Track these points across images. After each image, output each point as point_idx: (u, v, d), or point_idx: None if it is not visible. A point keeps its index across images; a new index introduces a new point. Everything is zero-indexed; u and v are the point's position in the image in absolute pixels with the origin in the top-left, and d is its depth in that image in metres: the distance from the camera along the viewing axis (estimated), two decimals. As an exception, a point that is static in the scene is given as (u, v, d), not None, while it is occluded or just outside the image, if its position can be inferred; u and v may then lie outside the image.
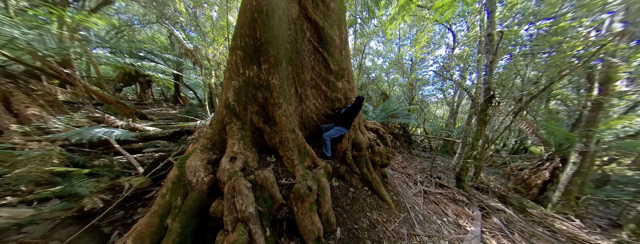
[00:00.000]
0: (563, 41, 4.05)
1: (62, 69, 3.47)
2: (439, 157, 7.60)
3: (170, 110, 7.69)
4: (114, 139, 2.68)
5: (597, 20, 3.91)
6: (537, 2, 4.78)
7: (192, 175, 1.59)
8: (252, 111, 1.84)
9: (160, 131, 3.66)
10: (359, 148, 2.61)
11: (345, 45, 2.59)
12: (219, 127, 1.85)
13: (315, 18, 2.21)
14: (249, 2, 1.77)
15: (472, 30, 7.14)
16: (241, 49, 1.79)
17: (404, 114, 6.62)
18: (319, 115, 2.54)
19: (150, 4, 5.76)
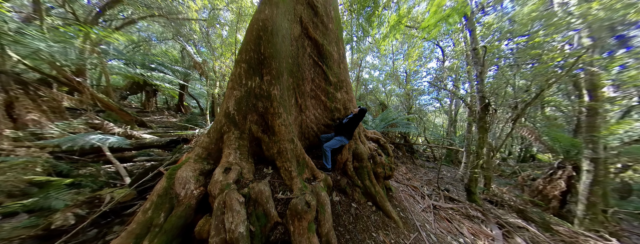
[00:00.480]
0: (542, 53, 4.46)
1: (74, 77, 3.63)
2: (444, 167, 7.30)
3: (170, 118, 7.72)
4: (108, 146, 2.60)
5: (567, 36, 4.39)
6: (511, 23, 5.37)
7: (181, 187, 1.47)
8: (251, 120, 1.84)
9: (156, 139, 3.59)
10: (360, 159, 2.51)
11: (343, 59, 2.78)
12: (216, 136, 1.82)
13: (315, 36, 2.44)
14: (256, 22, 1.96)
15: (458, 46, 7.79)
16: (245, 62, 1.90)
17: (404, 123, 6.64)
18: (319, 124, 2.54)
19: (169, 24, 6.56)
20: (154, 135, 4.36)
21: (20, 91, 2.95)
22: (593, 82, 3.79)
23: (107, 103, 4.36)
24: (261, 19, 1.95)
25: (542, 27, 4.63)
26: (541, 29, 4.65)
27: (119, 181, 2.34)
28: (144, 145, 3.31)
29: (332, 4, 2.73)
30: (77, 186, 2.00)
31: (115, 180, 2.38)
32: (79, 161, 2.63)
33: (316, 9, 2.47)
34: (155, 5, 5.89)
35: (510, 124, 4.78)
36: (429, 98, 11.38)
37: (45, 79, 3.60)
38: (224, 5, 6.33)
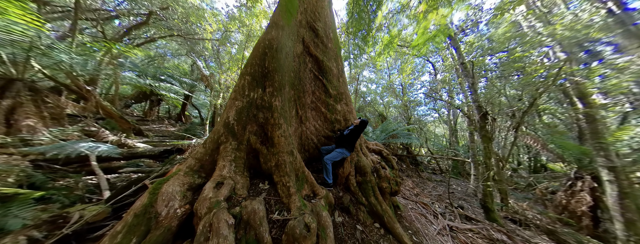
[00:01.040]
0: (525, 66, 4.90)
1: (85, 86, 3.73)
2: (452, 180, 6.82)
3: (169, 127, 7.64)
4: (96, 155, 2.44)
5: (542, 51, 4.89)
6: (489, 42, 6.05)
7: (164, 205, 1.30)
8: (250, 131, 1.80)
9: (150, 148, 3.43)
10: (363, 173, 2.35)
11: (342, 74, 2.95)
12: (212, 147, 1.74)
13: (315, 53, 2.65)
14: (263, 41, 2.15)
15: (446, 61, 8.41)
16: (250, 75, 1.99)
17: (404, 134, 6.54)
18: (319, 136, 2.49)
19: (185, 43, 7.33)
20: (148, 144, 4.21)
21: (29, 97, 2.97)
22: (580, 90, 4.00)
23: (109, 110, 4.37)
24: (268, 38, 2.14)
25: (518, 45, 5.31)
26: (517, 46, 5.31)
27: (97, 195, 2.10)
28: (134, 155, 3.14)
29: (331, 27, 3.07)
30: (47, 201, 1.77)
31: (93, 194, 2.14)
32: (59, 171, 2.44)
33: (317, 31, 2.77)
34: (176, 27, 6.67)
35: (513, 132, 4.70)
36: (426, 109, 11.60)
37: (57, 87, 3.70)
38: (235, 28, 7.22)
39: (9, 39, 2.27)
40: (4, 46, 2.37)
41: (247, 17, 6.64)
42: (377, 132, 6.46)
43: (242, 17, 6.70)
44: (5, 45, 2.35)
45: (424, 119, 11.93)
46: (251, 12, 6.45)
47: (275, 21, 2.28)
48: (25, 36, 2.36)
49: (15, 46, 2.44)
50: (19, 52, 2.57)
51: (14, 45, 2.42)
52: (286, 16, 2.09)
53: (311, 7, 2.84)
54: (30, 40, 2.47)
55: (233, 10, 6.88)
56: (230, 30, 7.25)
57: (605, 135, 3.60)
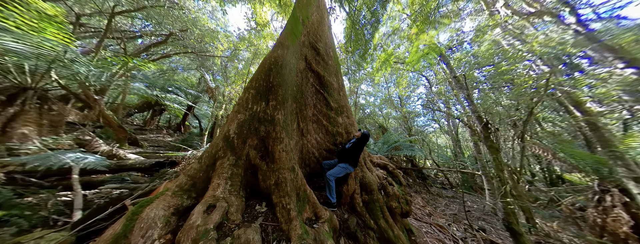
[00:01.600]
0: (513, 78, 5.25)
1: (93, 95, 3.79)
2: (466, 196, 6.17)
3: (167, 138, 7.48)
4: (81, 167, 2.25)
5: (526, 65, 5.32)
6: (475, 57, 6.65)
7: (141, 235, 1.09)
8: (250, 145, 1.71)
9: (140, 160, 3.23)
10: (370, 190, 2.15)
11: (342, 88, 3.08)
12: (208, 162, 1.62)
13: (317, 69, 2.82)
14: (269, 58, 2.29)
15: (438, 75, 8.89)
16: (254, 89, 2.03)
17: (407, 145, 6.35)
18: (320, 149, 2.40)
19: (196, 59, 7.94)
20: (141, 154, 4.01)
21: (34, 105, 2.96)
22: (573, 99, 4.14)
23: (109, 119, 4.33)
24: (274, 56, 2.29)
25: (501, 60, 5.86)
26: (501, 60, 5.84)
27: (66, 216, 1.78)
28: (122, 167, 2.92)
29: (331, 46, 3.37)
30: (2, 224, 1.51)
31: (62, 214, 1.82)
32: (33, 185, 2.20)
33: (318, 50, 3.03)
34: (191, 46, 7.36)
35: (519, 142, 4.56)
36: (425, 119, 11.67)
37: (67, 95, 3.75)
38: (244, 47, 8.00)
39: (37, 52, 2.45)
40: (30, 58, 2.52)
41: (255, 38, 7.45)
42: (379, 144, 6.27)
43: (251, 38, 7.53)
44: (32, 58, 2.50)
45: (424, 130, 11.88)
46: (259, 35, 7.25)
47: (281, 41, 2.48)
48: (52, 51, 2.54)
49: (40, 59, 2.59)
50: (42, 63, 2.71)
51: (40, 58, 2.57)
52: (291, 37, 2.28)
53: (313, 30, 3.18)
54: (55, 54, 2.62)
55: (244, 32, 7.75)
56: (239, 49, 8.04)
57: (614, 143, 3.51)
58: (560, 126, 7.20)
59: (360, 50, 4.32)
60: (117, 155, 3.38)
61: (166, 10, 6.29)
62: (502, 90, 5.95)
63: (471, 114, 4.67)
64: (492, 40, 6.42)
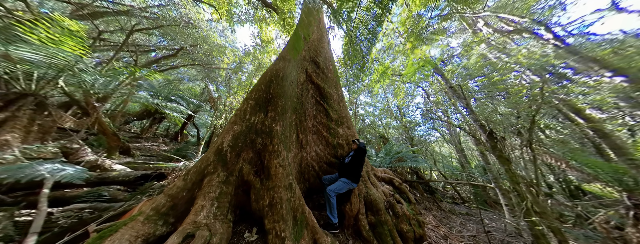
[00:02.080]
0: (507, 87, 5.44)
1: (94, 103, 3.78)
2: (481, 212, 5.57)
3: (161, 146, 7.23)
4: (55, 180, 2.01)
5: (517, 75, 5.59)
6: (466, 69, 7.05)
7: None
8: (245, 158, 1.56)
9: (125, 173, 2.97)
10: (376, 210, 1.91)
11: (342, 99, 3.12)
12: (195, 178, 1.44)
13: (317, 81, 2.89)
14: (270, 71, 2.35)
15: (433, 86, 9.20)
16: (254, 99, 1.99)
17: (410, 156, 6.07)
18: (320, 162, 2.25)
19: (203, 70, 8.42)
20: (130, 165, 3.76)
21: (29, 111, 2.88)
22: (572, 106, 4.18)
23: (105, 127, 4.22)
24: (275, 68, 2.34)
25: (490, 71, 6.26)
26: (491, 72, 6.23)
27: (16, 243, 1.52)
28: (103, 181, 2.65)
29: (330, 60, 3.55)
30: None
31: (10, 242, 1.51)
32: None
33: (318, 63, 3.17)
34: (199, 59, 7.88)
35: (528, 151, 4.34)
36: (426, 129, 11.58)
37: (69, 102, 3.74)
38: (248, 60, 8.65)
39: (50, 61, 2.55)
40: (42, 67, 2.62)
41: (260, 53, 8.08)
42: (381, 155, 6.03)
43: (256, 53, 8.16)
44: (43, 66, 2.60)
45: (426, 139, 11.68)
46: (264, 50, 7.95)
47: (283, 55, 2.59)
48: (64, 60, 2.65)
49: (51, 67, 2.69)
50: (51, 72, 2.80)
51: (51, 66, 2.67)
52: (293, 52, 2.37)
53: (313, 46, 3.39)
54: (66, 64, 2.72)
55: (249, 48, 8.45)
56: (244, 62, 8.74)
57: (629, 150, 3.34)
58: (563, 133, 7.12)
59: (358, 64, 4.54)
60: (101, 165, 3.14)
61: (181, 28, 6.87)
62: (498, 99, 6.12)
63: (473, 123, 4.64)
64: (480, 54, 7.05)
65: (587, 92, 4.76)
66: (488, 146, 3.98)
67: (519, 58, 5.48)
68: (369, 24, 3.70)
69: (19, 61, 2.46)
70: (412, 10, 2.39)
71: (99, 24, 6.56)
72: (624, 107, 4.71)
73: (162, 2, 6.77)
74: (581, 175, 4.85)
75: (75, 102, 3.64)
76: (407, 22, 3.92)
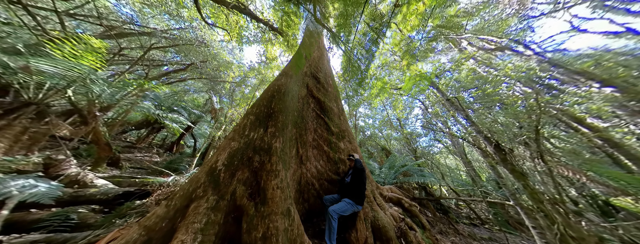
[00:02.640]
0: (502, 98, 5.68)
1: (95, 112, 3.77)
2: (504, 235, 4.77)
3: (154, 158, 6.92)
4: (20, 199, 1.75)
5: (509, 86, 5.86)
6: (458, 82, 7.44)
7: None
8: (240, 179, 1.41)
9: (106, 189, 2.69)
10: (386, 239, 1.66)
11: (342, 112, 3.17)
12: (180, 204, 1.24)
13: (317, 95, 2.98)
14: (273, 86, 2.42)
15: (430, 98, 9.48)
16: (254, 114, 1.97)
17: (416, 170, 5.71)
18: (321, 180, 2.08)
19: (208, 83, 8.93)
20: (114, 179, 3.46)
21: (27, 119, 2.82)
22: (572, 115, 4.18)
23: (99, 136, 4.10)
24: (278, 84, 2.42)
25: (481, 83, 6.60)
26: (481, 84, 6.57)
27: None
28: (77, 199, 2.34)
29: (330, 76, 3.79)
30: None
31: None
32: None
33: (318, 78, 3.33)
34: (206, 73, 8.45)
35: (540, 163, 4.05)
36: (428, 140, 11.37)
37: (71, 110, 3.75)
38: (253, 75, 9.18)
39: (64, 73, 2.69)
40: (54, 78, 2.74)
41: (263, 69, 8.77)
42: (384, 170, 5.66)
43: (260, 69, 8.84)
44: (57, 77, 2.73)
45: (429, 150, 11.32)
46: (268, 66, 8.64)
47: (285, 71, 2.72)
48: (79, 73, 2.81)
49: (65, 79, 2.83)
50: (63, 82, 2.90)
51: (65, 78, 2.81)
52: (295, 69, 2.50)
53: (314, 64, 3.63)
54: (78, 76, 2.86)
55: (254, 64, 9.22)
56: (248, 77, 9.25)
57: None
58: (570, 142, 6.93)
59: (357, 79, 4.79)
60: (81, 180, 2.87)
61: (195, 47, 7.65)
62: (494, 110, 6.32)
63: (476, 134, 4.57)
64: (469, 68, 7.63)
65: (581, 102, 4.89)
66: (497, 159, 3.78)
67: (507, 72, 5.88)
68: (365, 45, 4.00)
69: (36, 72, 2.59)
70: (404, 33, 2.63)
71: (122, 42, 7.18)
72: (622, 115, 4.73)
73: (182, 26, 7.59)
74: (606, 188, 4.37)
75: (78, 111, 3.63)
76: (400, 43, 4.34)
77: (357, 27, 3.02)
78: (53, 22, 5.52)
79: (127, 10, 7.61)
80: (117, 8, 7.57)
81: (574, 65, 5.56)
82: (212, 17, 5.67)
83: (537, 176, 4.63)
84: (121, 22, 7.11)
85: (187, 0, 5.71)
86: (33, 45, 3.12)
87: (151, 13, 7.40)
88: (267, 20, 5.74)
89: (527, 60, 6.20)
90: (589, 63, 5.56)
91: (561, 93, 5.40)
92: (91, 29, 7.27)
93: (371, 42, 3.63)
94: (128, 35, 7.10)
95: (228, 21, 5.71)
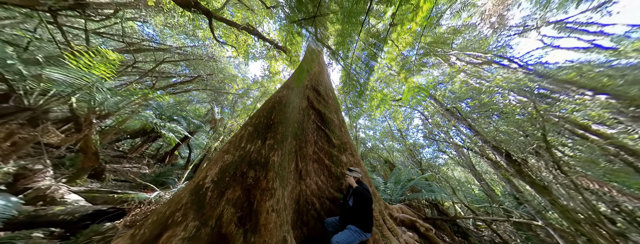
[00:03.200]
0: (500, 108, 5.78)
1: (92, 119, 3.70)
2: None
3: (142, 169, 6.50)
4: None
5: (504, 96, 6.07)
6: (453, 93, 7.64)
7: None
8: (229, 198, 1.18)
9: (73, 208, 2.30)
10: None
11: (343, 124, 3.13)
12: (149, 234, 0.97)
13: (318, 107, 3.00)
14: (274, 98, 2.43)
15: (428, 108, 9.59)
16: (253, 126, 1.87)
17: (424, 184, 5.22)
18: (322, 198, 1.83)
19: (212, 94, 9.29)
20: (89, 195, 3.08)
21: (17, 124, 2.69)
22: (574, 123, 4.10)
23: (89, 145, 3.90)
24: (279, 95, 2.45)
25: (475, 94, 6.86)
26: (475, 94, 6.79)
27: None
28: (35, 220, 1.92)
29: (330, 88, 3.91)
30: None
31: None
32: None
33: (319, 91, 3.44)
34: (211, 85, 8.90)
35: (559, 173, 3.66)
36: (431, 151, 10.97)
37: (67, 117, 3.71)
38: (256, 88, 9.62)
39: (71, 81, 2.79)
40: (62, 85, 2.83)
41: (266, 82, 9.28)
42: (390, 185, 5.16)
43: (263, 82, 9.37)
44: (63, 85, 2.81)
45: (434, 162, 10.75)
46: (270, 79, 9.14)
47: (287, 84, 2.81)
48: (86, 81, 2.92)
49: (72, 86, 2.92)
50: (68, 89, 2.98)
51: (72, 86, 2.90)
52: (297, 81, 2.56)
53: (315, 77, 3.81)
54: (85, 84, 2.96)
55: (258, 77, 9.83)
56: (251, 89, 9.67)
57: None
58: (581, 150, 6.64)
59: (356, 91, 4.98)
60: (49, 196, 2.52)
61: (204, 61, 8.30)
62: (493, 119, 6.49)
63: (482, 144, 4.40)
64: (462, 81, 8.05)
65: (579, 109, 4.89)
66: (512, 171, 3.48)
67: (498, 83, 6.14)
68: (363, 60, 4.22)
69: (46, 80, 2.69)
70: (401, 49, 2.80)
71: (138, 56, 7.94)
72: (624, 121, 4.64)
73: (196, 44, 8.51)
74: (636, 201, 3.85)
75: (75, 117, 3.55)
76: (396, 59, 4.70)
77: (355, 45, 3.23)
78: (81, 38, 6.15)
79: (149, 30, 8.63)
80: (141, 28, 8.56)
81: (558, 76, 5.89)
82: (223, 37, 6.33)
83: (561, 190, 4.11)
84: (142, 40, 7.95)
85: (203, 23, 6.41)
86: (54, 57, 3.33)
87: (170, 33, 8.37)
88: (273, 39, 6.31)
89: (514, 72, 6.63)
90: (574, 74, 5.83)
91: (555, 101, 5.51)
92: (114, 44, 8.00)
93: (370, 57, 3.83)
94: (145, 51, 7.81)
95: (237, 40, 6.35)
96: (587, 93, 4.83)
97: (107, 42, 8.01)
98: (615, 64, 5.51)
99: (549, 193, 2.92)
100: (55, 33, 4.06)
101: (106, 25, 6.72)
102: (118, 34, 7.19)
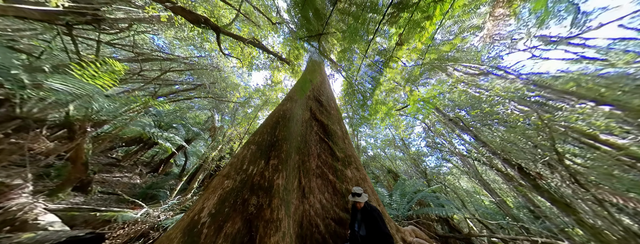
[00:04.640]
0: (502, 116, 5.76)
1: (87, 127, 3.56)
2: None
3: (133, 179, 6.13)
4: None
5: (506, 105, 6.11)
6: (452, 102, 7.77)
7: None
8: (228, 234, 1.01)
9: (44, 235, 1.96)
10: None
11: (346, 136, 3.03)
12: None
13: (321, 118, 2.96)
14: (278, 111, 2.41)
15: (429, 118, 9.61)
16: (256, 144, 1.78)
17: (432, 197, 4.84)
18: (327, 219, 1.64)
19: (213, 102, 9.37)
20: (69, 213, 2.79)
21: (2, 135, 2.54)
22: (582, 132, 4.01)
23: (80, 154, 3.69)
24: (283, 109, 2.42)
25: (474, 102, 6.90)
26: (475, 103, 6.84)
27: None
28: None
29: (332, 99, 3.93)
30: None
31: None
32: None
33: (321, 102, 3.43)
34: (213, 93, 9.05)
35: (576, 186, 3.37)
36: (434, 159, 10.65)
37: (61, 125, 3.57)
38: (257, 96, 9.71)
39: (71, 91, 2.73)
40: (61, 94, 2.76)
41: (268, 90, 9.40)
42: (396, 198, 4.75)
43: (265, 91, 9.49)
44: (62, 93, 2.75)
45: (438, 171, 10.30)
46: (272, 88, 9.26)
47: (290, 96, 2.82)
48: (85, 91, 2.88)
49: (71, 95, 2.86)
50: (68, 98, 2.90)
51: (71, 94, 2.84)
52: (300, 93, 2.54)
53: (317, 88, 3.84)
54: (85, 93, 2.91)
55: (260, 86, 10.03)
56: (252, 97, 9.67)
57: None
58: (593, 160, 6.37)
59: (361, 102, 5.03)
60: (20, 218, 2.24)
61: (208, 70, 8.57)
62: (496, 128, 6.42)
63: (490, 154, 4.24)
64: (462, 91, 8.24)
65: (584, 118, 4.87)
66: (528, 186, 3.26)
67: (498, 92, 6.21)
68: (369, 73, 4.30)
69: (47, 89, 2.63)
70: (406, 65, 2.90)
71: (145, 65, 8.21)
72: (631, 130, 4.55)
73: (202, 55, 8.89)
74: None
75: (69, 125, 3.43)
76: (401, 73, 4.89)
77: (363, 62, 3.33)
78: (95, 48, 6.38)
79: (160, 42, 9.09)
80: (152, 39, 9.04)
81: (555, 86, 6.01)
82: (229, 49, 6.61)
83: (583, 205, 3.77)
84: (151, 50, 8.27)
85: (211, 37, 6.76)
86: (61, 66, 3.34)
87: (179, 44, 8.80)
88: (276, 51, 6.59)
89: (513, 82, 6.78)
90: (571, 84, 5.92)
91: (557, 110, 5.49)
92: (125, 54, 8.33)
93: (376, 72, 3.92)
94: (153, 60, 8.10)
95: (242, 52, 6.60)
96: (590, 104, 4.86)
97: (118, 51, 8.41)
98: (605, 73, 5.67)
99: (574, 211, 2.67)
100: (68, 44, 4.19)
101: (120, 37, 7.05)
102: (129, 44, 7.48)
